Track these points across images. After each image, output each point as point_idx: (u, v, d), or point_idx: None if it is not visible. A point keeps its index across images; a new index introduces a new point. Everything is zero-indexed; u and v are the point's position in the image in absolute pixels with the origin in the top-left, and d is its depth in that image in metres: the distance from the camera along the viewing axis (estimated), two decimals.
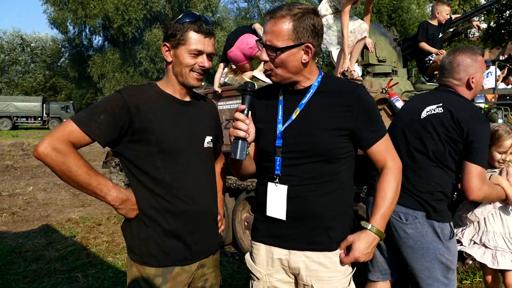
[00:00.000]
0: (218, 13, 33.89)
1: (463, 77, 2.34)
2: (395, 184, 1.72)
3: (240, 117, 1.64)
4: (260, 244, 1.81)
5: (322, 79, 1.74)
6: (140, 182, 1.74)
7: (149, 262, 1.74)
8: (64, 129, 1.60)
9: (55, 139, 1.57)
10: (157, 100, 1.76)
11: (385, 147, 1.73)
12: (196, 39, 1.72)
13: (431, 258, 2.27)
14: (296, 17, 1.59)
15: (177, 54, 1.74)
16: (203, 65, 1.77)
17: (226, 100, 4.82)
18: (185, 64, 1.74)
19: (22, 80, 42.51)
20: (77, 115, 1.65)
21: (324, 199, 1.68)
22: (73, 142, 1.61)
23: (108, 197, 1.68)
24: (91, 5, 28.95)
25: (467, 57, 2.33)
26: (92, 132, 1.61)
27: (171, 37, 1.73)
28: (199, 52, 1.74)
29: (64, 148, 1.57)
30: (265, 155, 1.77)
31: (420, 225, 2.26)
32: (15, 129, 30.82)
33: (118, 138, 1.69)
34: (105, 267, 4.41)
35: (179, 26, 1.72)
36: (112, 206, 1.72)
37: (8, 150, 15.36)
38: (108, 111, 1.64)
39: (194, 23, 1.72)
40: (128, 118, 1.67)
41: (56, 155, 1.56)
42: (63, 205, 7.40)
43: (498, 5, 17.31)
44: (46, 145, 1.56)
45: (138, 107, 1.69)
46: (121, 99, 1.68)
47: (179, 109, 1.81)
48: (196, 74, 1.77)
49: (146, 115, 1.70)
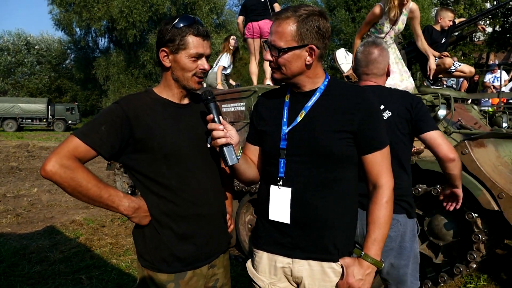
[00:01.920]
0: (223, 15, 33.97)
1: (384, 66, 2.46)
2: (387, 206, 1.66)
3: (213, 126, 1.64)
4: (263, 252, 1.79)
5: (329, 82, 1.73)
6: (148, 189, 1.74)
7: (161, 268, 1.74)
8: (69, 145, 1.59)
9: (62, 156, 1.56)
10: (155, 107, 1.76)
11: (381, 160, 1.68)
12: (196, 42, 1.72)
13: (408, 255, 2.35)
14: (300, 18, 1.60)
15: (177, 59, 1.72)
16: (203, 67, 1.76)
17: (230, 102, 4.83)
18: (187, 68, 1.73)
19: (27, 81, 42.67)
20: (78, 130, 1.65)
21: (330, 206, 1.66)
22: (79, 157, 1.60)
23: (121, 207, 1.67)
24: (95, 8, 29.06)
25: (378, 49, 2.45)
26: (95, 144, 1.60)
27: (169, 42, 1.71)
28: (199, 55, 1.74)
29: (71, 164, 1.56)
30: (269, 157, 1.77)
31: (401, 226, 2.33)
32: (20, 130, 30.96)
33: (121, 149, 1.68)
34: (109, 269, 4.42)
35: (176, 31, 1.70)
36: (125, 216, 1.71)
37: (13, 151, 15.42)
38: (108, 122, 1.64)
39: (191, 26, 1.71)
40: (129, 129, 1.66)
41: (64, 172, 1.54)
42: (67, 207, 7.41)
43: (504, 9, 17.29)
44: (53, 163, 1.54)
45: (137, 116, 1.68)
46: (120, 109, 1.67)
47: (178, 113, 1.80)
48: (197, 78, 1.77)
49: (146, 123, 1.69)
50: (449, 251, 3.46)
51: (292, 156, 1.69)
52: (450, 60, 5.04)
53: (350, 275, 1.63)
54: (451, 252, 3.46)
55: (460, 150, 3.22)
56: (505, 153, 3.61)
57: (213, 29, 30.45)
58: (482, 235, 3.16)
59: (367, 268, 1.63)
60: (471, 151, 3.17)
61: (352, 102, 1.66)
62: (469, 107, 5.09)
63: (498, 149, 3.54)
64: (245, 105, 4.76)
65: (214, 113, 1.69)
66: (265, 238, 1.78)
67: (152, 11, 28.56)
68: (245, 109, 4.76)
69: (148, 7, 28.32)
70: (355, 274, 1.62)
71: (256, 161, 1.88)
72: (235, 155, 1.64)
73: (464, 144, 3.22)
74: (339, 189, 1.68)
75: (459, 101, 4.90)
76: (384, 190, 1.67)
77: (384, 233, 1.66)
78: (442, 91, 4.37)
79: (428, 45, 4.93)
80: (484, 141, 3.41)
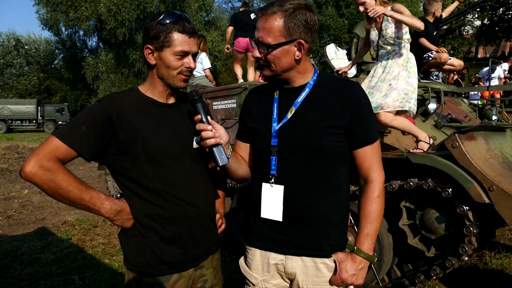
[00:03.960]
0: (212, 12, 33.80)
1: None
2: (379, 200, 1.66)
3: (202, 127, 1.61)
4: (255, 249, 1.78)
5: (318, 77, 1.72)
6: (132, 191, 1.71)
7: (146, 271, 1.71)
8: (49, 146, 1.55)
9: (41, 157, 1.52)
10: (139, 106, 1.71)
11: (372, 154, 1.67)
12: (181, 40, 1.67)
13: None
14: (287, 13, 1.57)
15: (162, 56, 1.68)
16: (189, 66, 1.72)
17: (221, 99, 4.82)
18: (172, 66, 1.69)
19: (16, 82, 42.26)
20: (59, 130, 1.60)
21: (322, 203, 1.66)
22: (60, 158, 1.55)
23: (102, 210, 1.63)
24: (83, 7, 28.78)
25: None
26: (75, 144, 1.56)
27: (153, 39, 1.67)
28: (185, 53, 1.69)
29: (51, 166, 1.52)
30: (260, 155, 1.75)
31: None
32: (10, 132, 30.69)
33: (102, 149, 1.64)
34: (101, 269, 4.40)
35: (161, 27, 1.65)
36: (107, 218, 1.68)
37: (3, 153, 15.27)
38: (89, 121, 1.60)
39: (177, 23, 1.66)
40: (111, 128, 1.63)
41: (44, 174, 1.51)
42: (58, 208, 7.35)
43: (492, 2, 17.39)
44: (32, 164, 1.50)
45: (119, 116, 1.64)
46: (101, 108, 1.63)
47: (162, 112, 1.76)
48: (183, 76, 1.73)
49: (129, 123, 1.65)
50: (441, 244, 3.47)
51: (284, 153, 1.68)
52: (446, 56, 5.06)
53: (343, 270, 1.63)
54: (443, 246, 3.47)
55: (450, 143, 3.23)
56: (495, 145, 3.63)
57: (203, 26, 30.28)
58: (473, 228, 3.17)
59: (360, 263, 1.64)
60: (461, 144, 3.18)
61: (341, 96, 1.65)
62: (459, 101, 5.12)
63: (488, 141, 3.56)
64: (235, 102, 4.75)
65: (202, 113, 1.64)
66: (257, 235, 1.77)
67: (140, 9, 28.33)
68: (236, 106, 4.75)
69: (136, 5, 28.08)
70: (348, 269, 1.62)
71: (246, 158, 1.86)
72: (225, 155, 1.61)
73: (455, 137, 3.23)
74: (331, 185, 1.68)
75: (449, 95, 4.93)
76: (375, 184, 1.67)
77: (377, 228, 1.66)
78: (432, 85, 4.39)
79: (425, 39, 4.97)
80: (474, 134, 3.42)
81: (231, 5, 39.25)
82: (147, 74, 1.80)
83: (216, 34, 30.24)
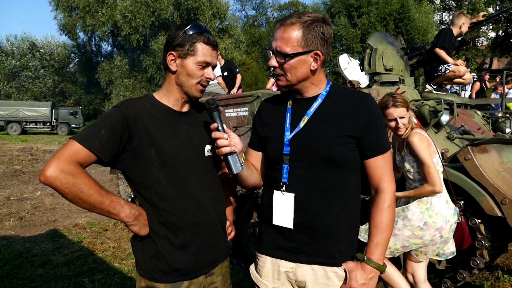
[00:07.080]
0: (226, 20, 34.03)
1: None
2: (389, 210, 1.67)
3: (218, 135, 1.64)
4: (266, 256, 1.80)
5: (331, 88, 1.75)
6: (145, 198, 1.73)
7: (158, 278, 1.73)
8: (69, 150, 1.55)
9: (62, 160, 1.51)
10: (154, 113, 1.74)
11: (383, 164, 1.69)
12: (205, 51, 1.72)
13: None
14: (305, 24, 1.61)
15: (185, 64, 1.72)
16: (209, 77, 1.76)
17: (234, 107, 4.85)
18: (193, 75, 1.73)
19: (32, 85, 42.80)
20: (78, 134, 1.62)
21: (333, 212, 1.67)
22: (80, 162, 1.55)
23: (122, 213, 1.64)
24: (99, 13, 29.20)
25: None
26: (95, 148, 1.57)
27: (178, 46, 1.71)
28: (207, 64, 1.74)
29: (73, 169, 1.52)
30: (273, 163, 1.78)
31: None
32: (24, 134, 31.08)
33: (117, 154, 1.65)
34: (111, 273, 4.43)
35: (187, 37, 1.70)
36: (125, 224, 1.69)
37: (17, 154, 15.45)
38: (108, 126, 1.62)
39: (202, 34, 1.72)
40: (128, 134, 1.65)
41: (65, 177, 1.50)
42: (70, 210, 7.43)
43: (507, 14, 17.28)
44: (54, 168, 1.49)
45: (136, 122, 1.67)
46: (120, 113, 1.66)
47: (176, 120, 1.79)
48: (201, 86, 1.77)
49: (144, 130, 1.68)
50: (453, 257, 3.45)
51: (295, 162, 1.70)
52: (465, 69, 4.96)
53: (353, 279, 1.63)
54: (454, 259, 3.44)
55: (463, 156, 3.22)
56: (508, 158, 3.60)
57: (216, 34, 30.49)
58: (485, 241, 3.15)
59: (370, 272, 1.64)
60: (474, 157, 3.17)
61: (354, 107, 1.67)
62: (472, 113, 5.09)
63: (501, 155, 3.54)
64: (248, 110, 4.78)
65: (218, 121, 1.68)
66: (268, 243, 1.78)
67: (155, 16, 28.65)
68: (248, 114, 4.78)
69: (151, 12, 28.41)
70: (358, 278, 1.63)
71: (258, 166, 1.88)
72: (239, 163, 1.63)
73: (467, 150, 3.21)
74: (342, 193, 1.69)
75: (462, 107, 4.90)
76: (386, 194, 1.68)
77: (387, 237, 1.66)
78: (445, 97, 4.38)
79: (445, 52, 4.93)
80: (487, 146, 3.40)
81: (245, 13, 39.55)
82: (164, 81, 1.83)
83: (230, 41, 30.41)
